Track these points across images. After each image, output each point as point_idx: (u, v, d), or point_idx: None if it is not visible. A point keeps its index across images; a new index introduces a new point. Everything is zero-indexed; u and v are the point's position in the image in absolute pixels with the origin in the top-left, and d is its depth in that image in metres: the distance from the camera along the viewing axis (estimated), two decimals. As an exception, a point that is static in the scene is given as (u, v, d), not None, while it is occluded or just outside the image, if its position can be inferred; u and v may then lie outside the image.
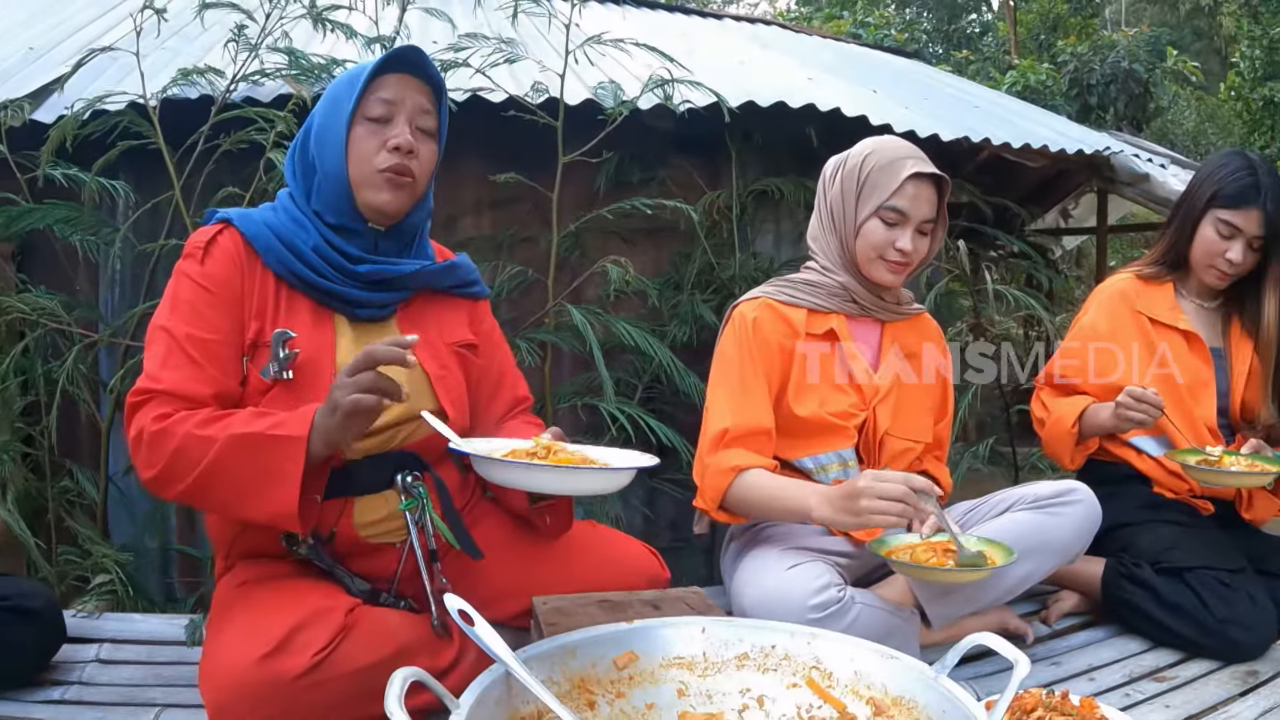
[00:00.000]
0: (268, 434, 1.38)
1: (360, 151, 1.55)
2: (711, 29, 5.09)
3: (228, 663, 1.34)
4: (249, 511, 1.42)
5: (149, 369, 1.48)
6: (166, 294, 1.55)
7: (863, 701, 1.15)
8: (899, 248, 1.86)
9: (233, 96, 2.65)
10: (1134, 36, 10.62)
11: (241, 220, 1.59)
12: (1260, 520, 2.17)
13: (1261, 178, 2.07)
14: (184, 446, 1.39)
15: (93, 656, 1.74)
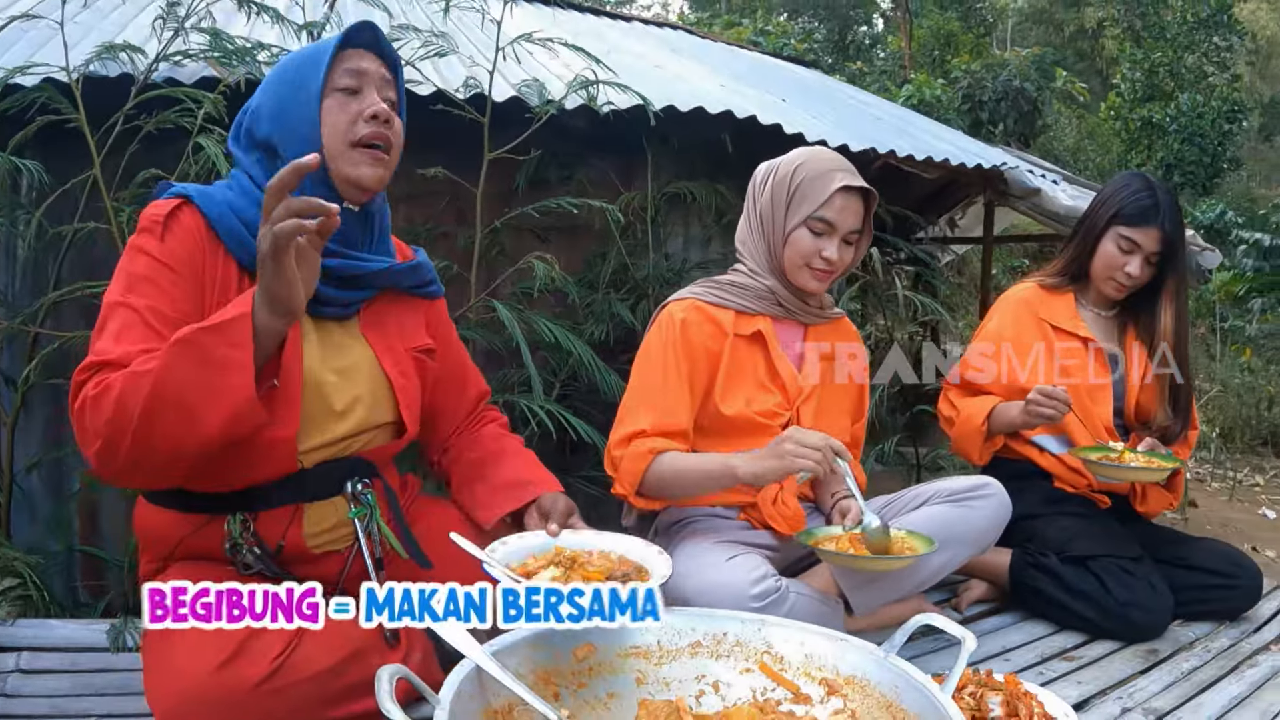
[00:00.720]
0: (207, 326, 1.26)
1: (334, 124, 1.47)
2: (624, 32, 5.13)
3: (181, 672, 1.27)
4: (205, 422, 1.26)
5: (100, 345, 1.34)
6: (121, 271, 1.41)
7: (815, 683, 1.20)
8: (825, 256, 1.91)
9: (154, 76, 2.53)
10: (1025, 57, 11.20)
11: (202, 198, 1.46)
12: (1152, 513, 2.33)
13: (1161, 199, 2.22)
14: (124, 390, 1.25)
15: (13, 666, 1.65)
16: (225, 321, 1.25)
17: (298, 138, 1.46)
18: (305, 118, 1.47)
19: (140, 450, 1.26)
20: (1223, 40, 12.66)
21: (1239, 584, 2.14)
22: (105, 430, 1.26)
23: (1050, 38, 20.58)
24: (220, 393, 1.24)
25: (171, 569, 1.50)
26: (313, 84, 1.46)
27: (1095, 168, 14.24)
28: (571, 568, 1.42)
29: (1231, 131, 12.27)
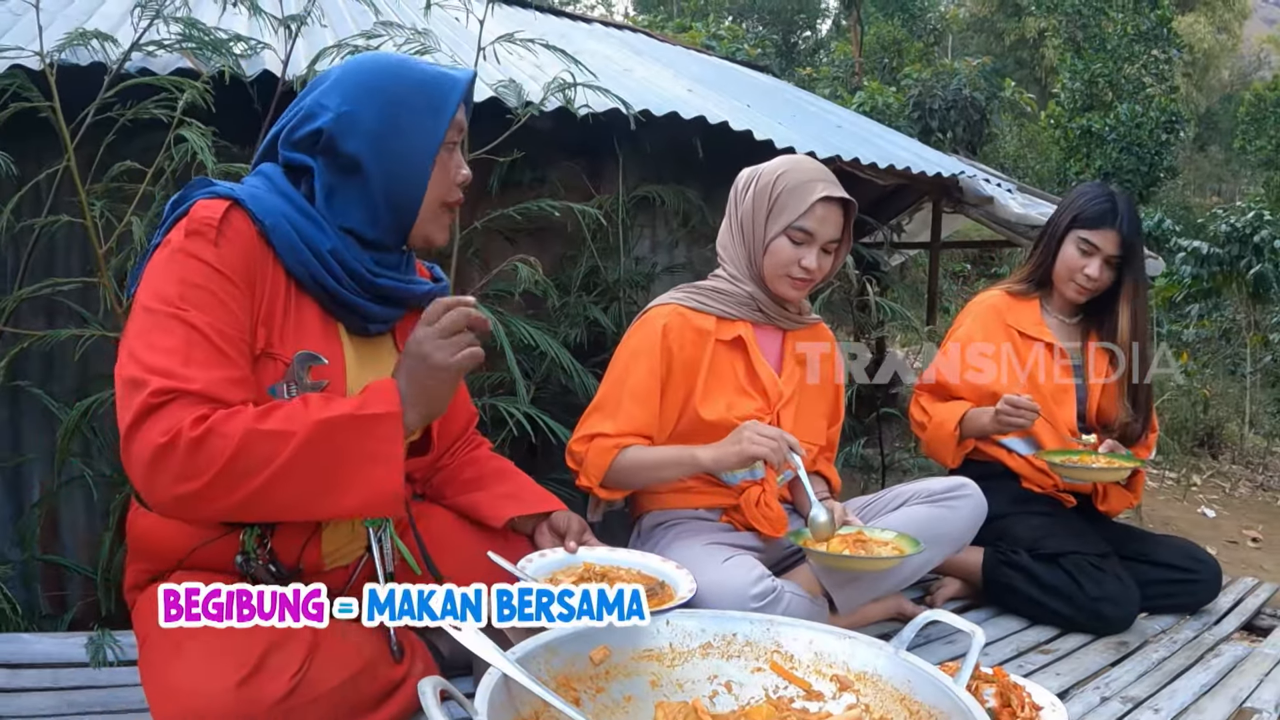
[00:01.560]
0: (359, 415, 1.28)
1: (439, 183, 1.46)
2: (587, 34, 5.14)
3: (195, 689, 1.21)
4: (341, 500, 1.28)
5: (165, 365, 1.25)
6: (169, 275, 1.32)
7: (826, 679, 1.23)
8: (804, 265, 1.94)
9: (127, 66, 2.45)
10: (975, 67, 11.46)
11: (254, 203, 1.38)
12: (1114, 511, 2.42)
13: (1119, 204, 2.31)
14: (247, 446, 1.22)
15: None
16: (378, 416, 1.29)
17: (402, 178, 1.43)
18: (420, 164, 1.43)
19: (242, 508, 1.26)
20: (1162, 53, 13.07)
21: (1199, 578, 2.24)
22: (211, 479, 1.22)
23: (991, 46, 21.05)
24: (367, 483, 1.28)
25: (173, 577, 1.44)
26: (438, 131, 1.43)
27: (1034, 175, 14.61)
28: (603, 580, 1.45)
29: (1169, 141, 12.69)
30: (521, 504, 1.69)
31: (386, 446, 1.28)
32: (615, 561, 1.60)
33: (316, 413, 1.27)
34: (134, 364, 1.26)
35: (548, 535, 1.69)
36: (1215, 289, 8.41)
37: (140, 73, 2.48)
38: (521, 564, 1.52)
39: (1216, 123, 19.56)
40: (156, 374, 1.24)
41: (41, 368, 2.78)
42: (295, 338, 1.40)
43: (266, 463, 1.23)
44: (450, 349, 1.31)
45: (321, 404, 1.29)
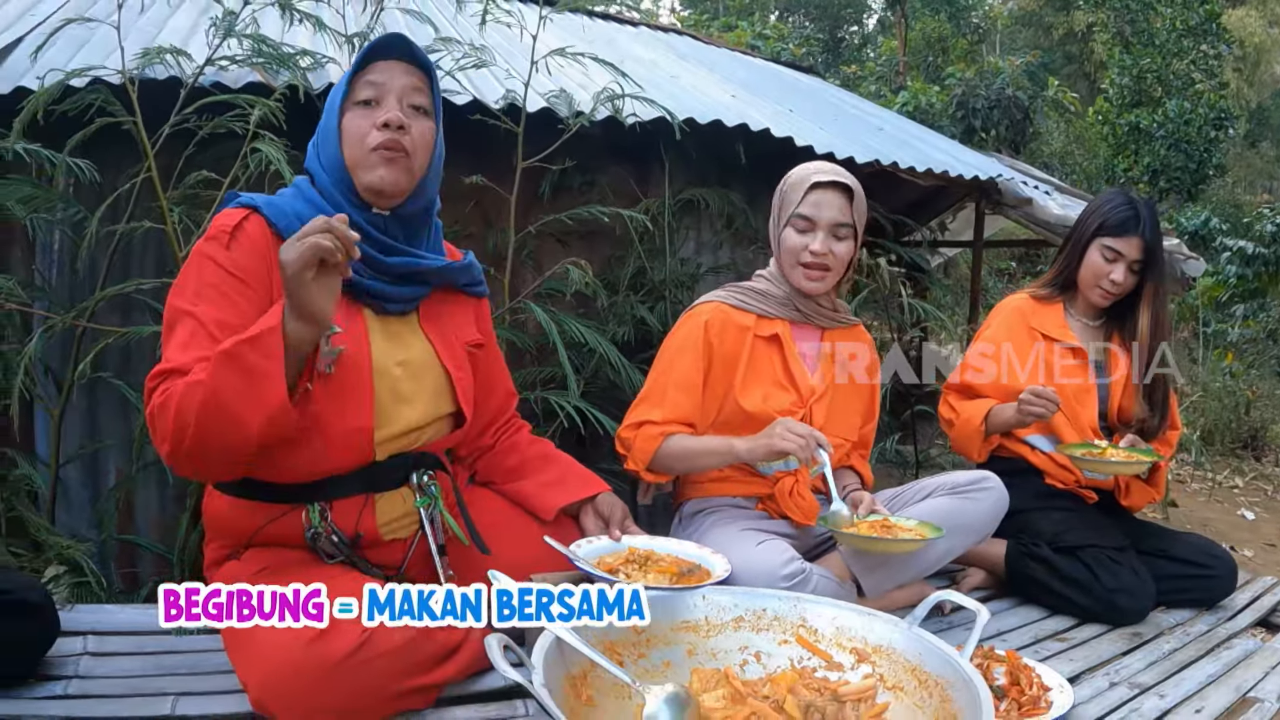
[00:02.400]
0: (244, 338, 1.35)
1: (351, 134, 1.58)
2: (632, 37, 5.27)
3: (273, 648, 1.36)
4: (247, 426, 1.36)
5: (168, 353, 1.45)
6: (187, 276, 1.52)
7: (846, 652, 1.38)
8: (811, 250, 2.07)
9: (201, 81, 2.62)
10: (1018, 65, 11.40)
11: (270, 208, 1.57)
12: (1136, 506, 2.51)
13: (1141, 211, 2.40)
14: (181, 398, 1.37)
15: (80, 649, 1.66)
16: (258, 334, 1.36)
17: (328, 153, 1.61)
18: (330, 133, 1.60)
19: (199, 452, 1.40)
20: (1211, 48, 12.86)
21: (1215, 574, 2.32)
22: (170, 434, 1.39)
23: (1039, 40, 20.78)
24: (257, 400, 1.35)
25: (247, 554, 1.61)
26: (334, 100, 1.60)
27: (1082, 172, 14.45)
28: (645, 564, 1.62)
29: (1218, 139, 12.50)
30: (568, 491, 1.84)
31: (269, 363, 1.35)
32: (656, 547, 1.75)
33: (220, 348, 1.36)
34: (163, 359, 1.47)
35: (593, 518, 1.83)
36: (1261, 289, 8.34)
37: (214, 87, 2.65)
38: (572, 548, 1.67)
39: (1268, 118, 19.15)
40: (161, 362, 1.45)
41: (119, 361, 2.95)
42: None
43: (193, 406, 1.36)
44: (294, 248, 1.32)
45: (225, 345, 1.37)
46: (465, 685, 1.57)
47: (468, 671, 1.56)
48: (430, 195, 1.70)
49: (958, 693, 1.19)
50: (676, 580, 1.58)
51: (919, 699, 1.25)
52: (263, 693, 1.37)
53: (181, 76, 2.64)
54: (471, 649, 1.55)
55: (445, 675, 1.52)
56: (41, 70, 2.59)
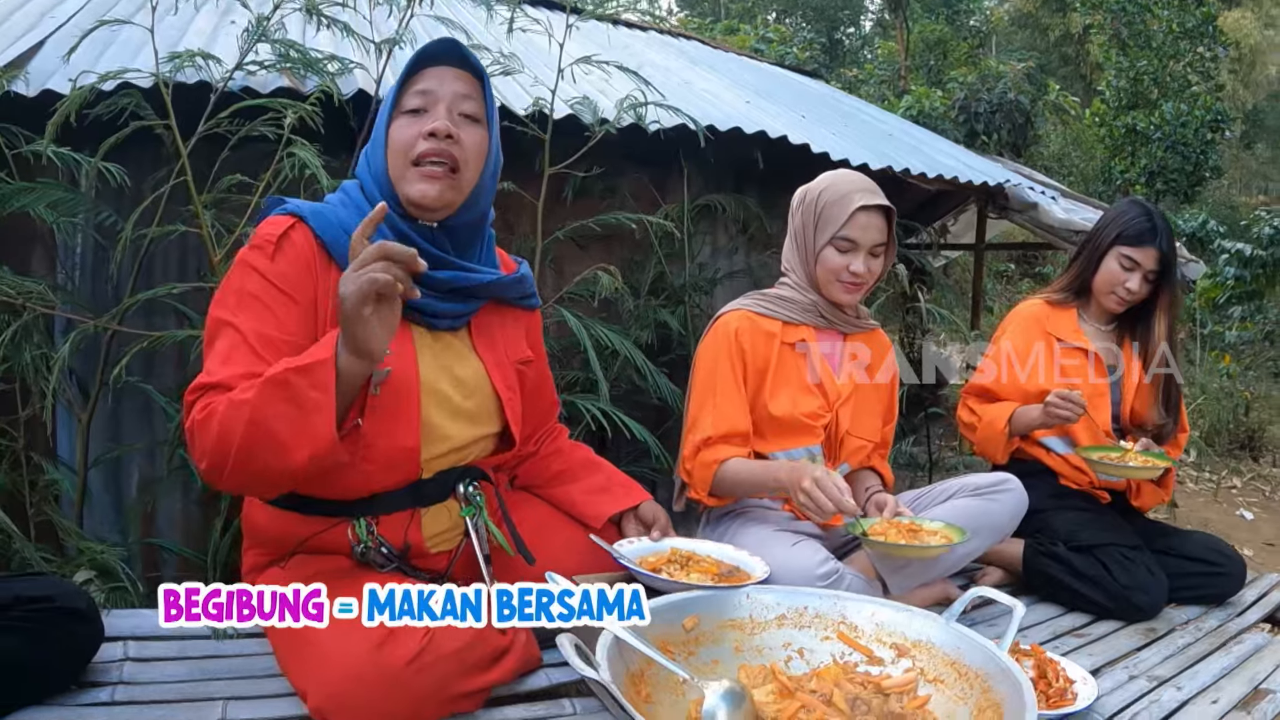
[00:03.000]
0: (296, 367, 1.32)
1: (396, 144, 1.53)
2: (645, 43, 5.33)
3: (336, 655, 1.35)
4: (293, 456, 1.34)
5: (209, 366, 1.43)
6: (231, 286, 1.48)
7: (886, 647, 1.44)
8: (852, 270, 2.14)
9: (230, 85, 2.62)
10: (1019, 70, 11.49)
11: (315, 218, 1.52)
12: (1146, 507, 2.59)
13: (1157, 223, 2.47)
14: (225, 417, 1.34)
15: (121, 655, 1.62)
16: (312, 364, 1.33)
17: (376, 162, 1.57)
18: (378, 141, 1.56)
19: (241, 473, 1.37)
20: (1208, 50, 12.95)
21: (1225, 572, 2.39)
22: (211, 452, 1.37)
23: (1035, 42, 20.88)
24: (305, 432, 1.33)
25: (293, 561, 1.60)
26: (385, 108, 1.56)
27: (1079, 174, 14.52)
28: (687, 564, 1.67)
29: (1214, 140, 12.59)
30: (615, 500, 1.87)
31: (319, 394, 1.32)
32: (697, 549, 1.81)
33: (269, 372, 1.34)
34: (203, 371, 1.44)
35: (634, 524, 1.87)
36: (1258, 291, 8.43)
37: (243, 91, 2.65)
38: (615, 547, 1.72)
39: (1263, 120, 19.27)
40: (202, 374, 1.41)
41: (143, 365, 2.94)
42: None
43: (237, 428, 1.33)
44: (352, 280, 1.29)
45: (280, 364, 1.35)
46: (511, 686, 1.59)
47: (516, 674, 1.58)
48: (483, 207, 1.66)
49: (999, 683, 1.25)
50: (718, 581, 1.64)
51: (960, 691, 1.31)
52: (324, 700, 1.35)
53: (211, 80, 2.65)
54: (518, 652, 1.58)
55: (496, 678, 1.53)
56: (72, 73, 2.59)
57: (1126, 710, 1.70)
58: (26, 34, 3.18)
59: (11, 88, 2.65)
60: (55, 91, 2.64)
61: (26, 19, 3.37)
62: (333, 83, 2.74)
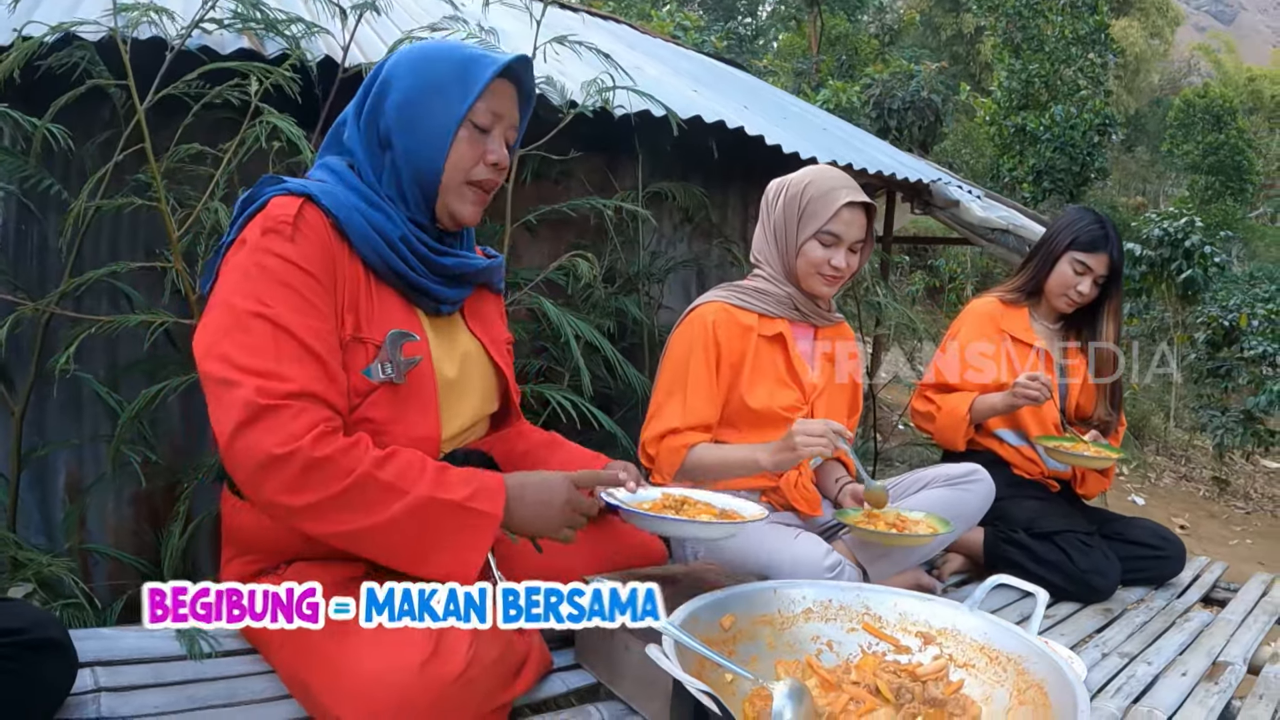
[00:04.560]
0: (465, 505, 1.35)
1: (459, 158, 1.50)
2: (583, 26, 5.26)
3: (381, 674, 1.26)
4: (421, 569, 1.35)
5: (258, 365, 1.30)
6: (249, 274, 1.36)
7: (912, 635, 1.48)
8: (834, 264, 2.19)
9: (187, 45, 2.41)
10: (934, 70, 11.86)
11: (327, 198, 1.44)
12: (1090, 495, 2.75)
13: (1109, 231, 2.62)
14: (361, 487, 1.29)
15: (93, 685, 1.44)
16: (483, 513, 1.37)
17: (418, 154, 1.48)
18: (436, 143, 1.48)
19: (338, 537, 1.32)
20: (1099, 57, 13.62)
21: (1168, 555, 2.57)
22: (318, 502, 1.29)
23: (927, 40, 21.60)
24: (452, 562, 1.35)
25: (290, 570, 1.48)
26: (456, 111, 1.47)
27: (969, 170, 15.12)
28: (681, 507, 1.64)
29: (1101, 143, 13.28)
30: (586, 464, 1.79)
31: (479, 538, 1.36)
32: (688, 494, 1.75)
33: (430, 486, 1.33)
34: (223, 364, 1.30)
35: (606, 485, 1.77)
36: (1146, 289, 8.98)
37: (200, 51, 2.43)
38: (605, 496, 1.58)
39: (1144, 125, 20.46)
40: (251, 374, 1.28)
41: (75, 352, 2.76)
42: (381, 321, 1.48)
43: (371, 510, 1.30)
44: (566, 524, 1.45)
45: (435, 477, 1.35)
46: (530, 694, 1.55)
47: (535, 682, 1.55)
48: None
49: (1034, 665, 1.31)
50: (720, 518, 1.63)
51: (993, 674, 1.37)
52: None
53: (166, 38, 2.41)
54: (534, 661, 1.54)
55: (520, 689, 1.48)
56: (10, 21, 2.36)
57: (1110, 685, 1.82)
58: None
59: None
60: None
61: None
62: (297, 46, 2.54)
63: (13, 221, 2.74)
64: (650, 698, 1.49)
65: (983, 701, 1.34)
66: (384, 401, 1.45)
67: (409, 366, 1.47)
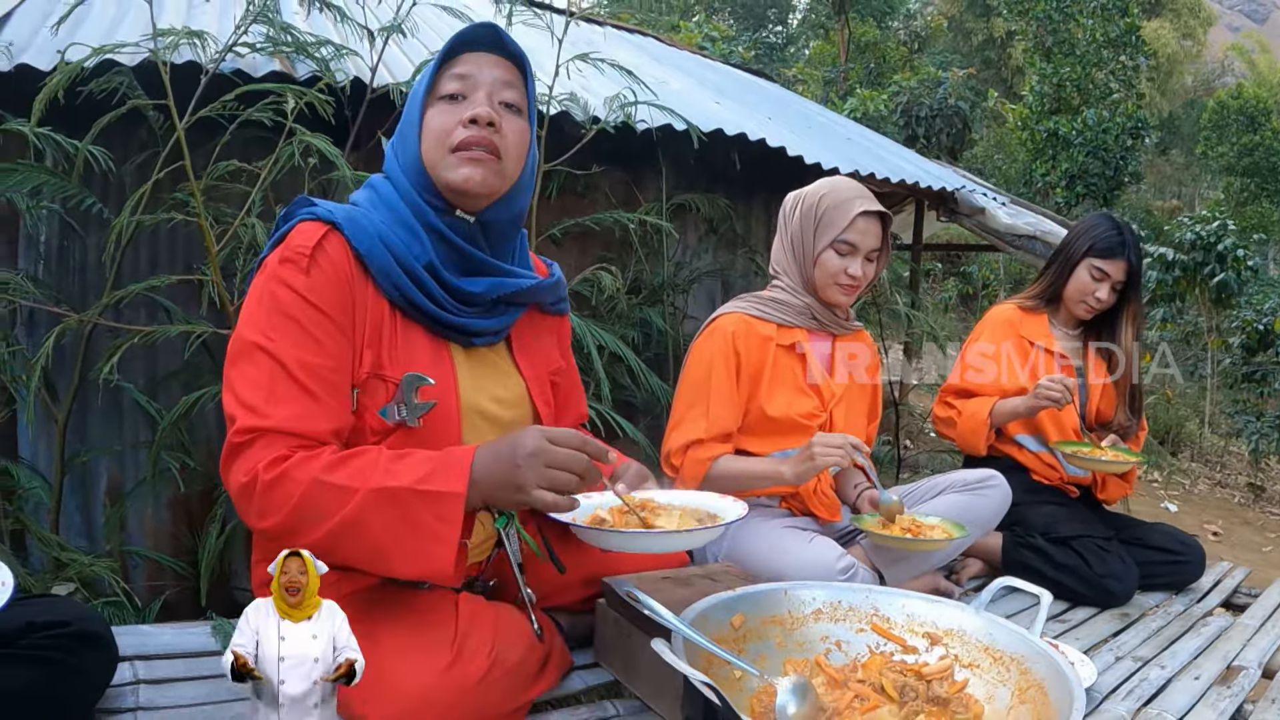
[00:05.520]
0: (419, 489, 1.26)
1: (433, 131, 1.43)
2: (607, 40, 5.34)
3: (405, 676, 1.30)
4: (393, 569, 1.30)
5: (250, 400, 1.30)
6: (261, 303, 1.36)
7: (919, 636, 1.52)
8: (850, 273, 2.23)
9: (221, 68, 2.53)
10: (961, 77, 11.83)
11: (351, 226, 1.40)
12: (1111, 500, 2.76)
13: (1127, 237, 2.63)
14: (311, 496, 1.25)
15: (132, 677, 1.53)
16: (442, 494, 1.26)
17: (407, 152, 1.46)
18: (410, 128, 1.46)
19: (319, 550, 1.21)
20: (1130, 59, 13.46)
21: (1187, 560, 2.57)
22: (280, 520, 1.28)
23: (958, 45, 21.47)
24: (418, 555, 1.27)
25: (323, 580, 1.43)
26: (418, 91, 1.46)
27: (1002, 176, 14.98)
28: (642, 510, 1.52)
29: (1134, 147, 13.12)
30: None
31: (442, 526, 1.26)
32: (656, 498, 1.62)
33: (381, 476, 1.26)
34: (230, 395, 1.33)
35: None
36: (1179, 293, 8.87)
37: (235, 74, 2.56)
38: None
39: (1179, 127, 20.18)
40: (242, 409, 1.30)
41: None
42: (405, 358, 1.43)
43: (327, 514, 1.25)
44: (541, 482, 1.26)
45: (389, 466, 1.28)
46: (551, 691, 1.61)
47: (557, 681, 1.61)
48: (522, 204, 1.55)
49: (1036, 665, 1.34)
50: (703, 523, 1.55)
51: (997, 674, 1.40)
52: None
53: (200, 61, 2.53)
54: (555, 661, 1.59)
55: (541, 689, 1.53)
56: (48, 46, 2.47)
57: (1121, 688, 1.84)
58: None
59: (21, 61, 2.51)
60: (32, 66, 2.51)
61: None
62: (327, 68, 2.67)
63: (56, 238, 2.87)
64: (663, 694, 1.54)
65: (986, 700, 1.38)
66: (401, 443, 1.40)
67: (422, 411, 1.41)
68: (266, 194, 2.58)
